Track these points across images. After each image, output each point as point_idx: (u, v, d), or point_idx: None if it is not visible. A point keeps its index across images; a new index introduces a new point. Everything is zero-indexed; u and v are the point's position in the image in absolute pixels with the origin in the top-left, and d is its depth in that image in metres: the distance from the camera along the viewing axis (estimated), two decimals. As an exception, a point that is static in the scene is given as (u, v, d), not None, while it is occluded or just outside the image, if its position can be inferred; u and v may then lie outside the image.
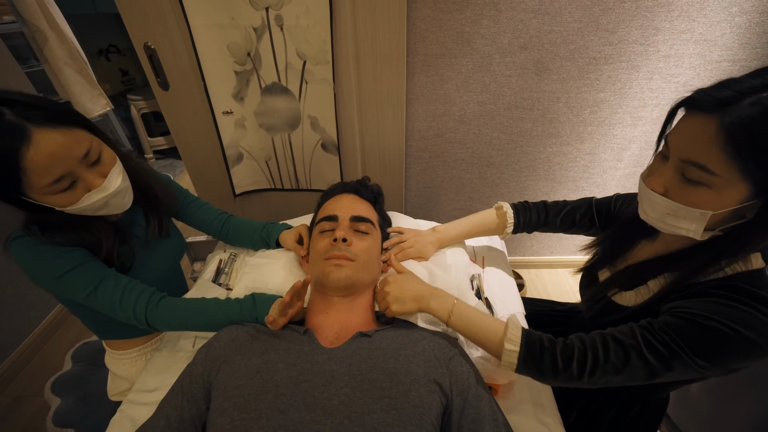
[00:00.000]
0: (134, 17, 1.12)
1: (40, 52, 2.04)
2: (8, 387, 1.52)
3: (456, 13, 1.16)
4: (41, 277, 0.69)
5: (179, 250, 0.95)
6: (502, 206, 0.93)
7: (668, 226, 0.55)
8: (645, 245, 0.69)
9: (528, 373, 0.61)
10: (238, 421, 0.55)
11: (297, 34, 1.14)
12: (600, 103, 1.36)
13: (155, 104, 2.90)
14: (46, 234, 0.67)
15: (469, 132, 1.44)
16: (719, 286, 0.53)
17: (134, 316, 0.73)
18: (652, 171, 0.57)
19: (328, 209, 0.84)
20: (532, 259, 1.96)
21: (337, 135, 1.34)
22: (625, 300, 0.66)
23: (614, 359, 0.54)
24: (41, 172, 0.57)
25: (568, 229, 0.89)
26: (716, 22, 1.17)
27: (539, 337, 0.61)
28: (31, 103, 0.58)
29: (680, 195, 0.52)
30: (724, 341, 0.49)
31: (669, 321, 0.53)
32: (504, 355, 0.61)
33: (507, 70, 1.28)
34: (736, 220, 0.51)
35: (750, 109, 0.44)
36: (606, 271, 0.74)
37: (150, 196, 0.81)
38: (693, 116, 0.49)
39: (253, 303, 0.76)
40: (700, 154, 0.47)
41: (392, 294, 0.72)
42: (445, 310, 0.68)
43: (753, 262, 0.53)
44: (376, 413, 0.55)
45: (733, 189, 0.47)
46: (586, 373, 0.56)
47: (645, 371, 0.53)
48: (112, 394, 0.96)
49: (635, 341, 0.53)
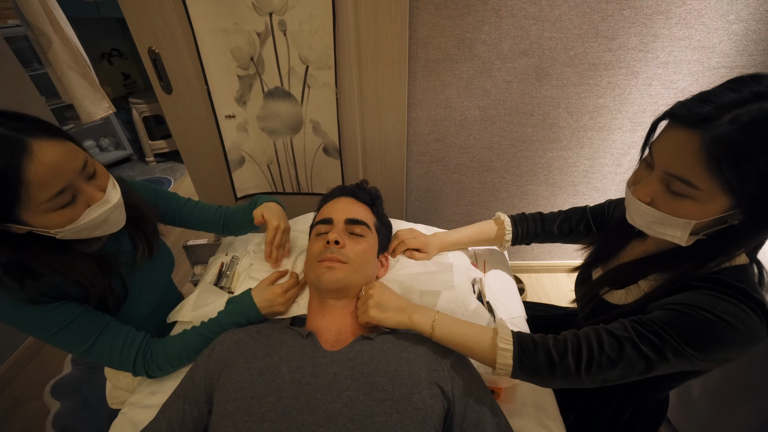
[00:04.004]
0: (139, 22, 1.13)
1: (44, 56, 2.06)
2: (7, 390, 1.51)
3: (457, 19, 1.18)
4: (30, 333, 0.64)
5: (170, 266, 0.92)
6: (500, 217, 0.95)
7: (655, 232, 0.57)
8: (636, 244, 0.71)
9: (524, 375, 0.59)
10: (241, 423, 0.55)
11: (300, 39, 1.15)
12: (600, 109, 1.37)
13: (157, 107, 2.91)
14: (26, 288, 0.60)
15: (470, 137, 1.45)
16: (704, 279, 0.55)
17: (134, 374, 0.74)
18: (638, 179, 0.59)
19: (324, 212, 0.85)
20: (532, 264, 1.96)
21: (338, 139, 1.35)
22: (616, 299, 0.68)
23: (608, 351, 0.54)
24: (43, 185, 0.54)
25: (566, 236, 0.90)
26: (714, 29, 1.19)
27: (530, 335, 0.61)
28: (19, 116, 0.55)
29: (666, 205, 0.54)
30: (711, 329, 0.50)
31: (657, 314, 0.55)
32: (498, 357, 0.59)
33: (508, 76, 1.29)
34: (720, 225, 0.53)
35: (729, 126, 0.45)
36: (599, 270, 0.76)
37: (135, 218, 0.76)
38: (676, 130, 0.51)
39: (226, 308, 0.80)
40: (685, 169, 0.49)
41: (374, 298, 0.71)
42: (427, 322, 0.66)
43: (737, 259, 0.56)
44: (379, 416, 0.55)
45: (716, 201, 0.49)
46: (582, 367, 0.55)
47: (642, 363, 0.53)
48: (111, 403, 0.95)
49: (627, 333, 0.54)
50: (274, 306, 0.79)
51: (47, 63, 2.08)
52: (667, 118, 0.53)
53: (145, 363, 0.73)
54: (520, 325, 0.89)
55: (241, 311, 0.78)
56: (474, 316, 0.78)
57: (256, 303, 0.78)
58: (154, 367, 0.74)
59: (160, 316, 0.89)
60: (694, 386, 1.16)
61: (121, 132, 3.06)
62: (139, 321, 0.78)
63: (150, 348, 0.74)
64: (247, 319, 0.78)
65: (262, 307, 0.78)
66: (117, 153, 3.12)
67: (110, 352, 0.70)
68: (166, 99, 1.28)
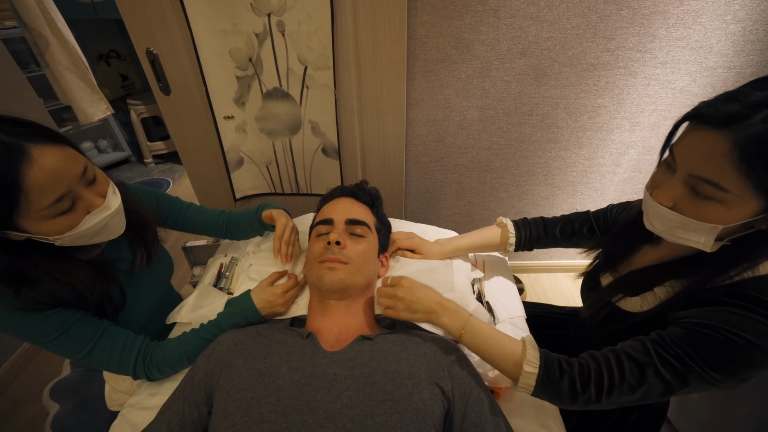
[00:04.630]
0: (137, 23, 1.13)
1: (42, 57, 2.05)
2: (6, 392, 1.50)
3: (456, 19, 1.18)
4: (27, 340, 0.64)
5: (169, 270, 0.91)
6: (503, 221, 0.94)
7: (676, 237, 0.54)
8: (649, 250, 0.68)
9: (545, 396, 0.59)
10: (241, 424, 0.55)
11: (298, 39, 1.15)
12: (598, 109, 1.37)
13: (155, 109, 2.91)
14: (21, 296, 0.59)
15: (469, 137, 1.45)
16: (728, 293, 0.52)
17: (134, 378, 0.74)
18: (657, 183, 0.56)
19: (324, 213, 0.85)
20: (531, 264, 1.96)
21: (337, 140, 1.35)
22: (630, 306, 0.65)
23: (630, 378, 0.53)
24: (43, 191, 0.53)
25: (569, 239, 0.89)
26: (711, 29, 1.19)
27: (557, 358, 0.59)
28: (18, 121, 0.55)
29: (689, 209, 0.51)
30: (737, 352, 0.48)
31: (680, 334, 0.53)
32: (522, 377, 0.59)
33: (506, 76, 1.29)
34: (745, 231, 0.50)
35: (762, 125, 0.43)
36: (608, 275, 0.74)
37: (135, 223, 0.75)
38: (702, 131, 0.48)
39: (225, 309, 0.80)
40: (714, 171, 0.47)
41: (405, 301, 0.71)
42: (457, 327, 0.67)
43: (760, 268, 0.53)
44: (379, 416, 0.55)
45: (746, 204, 0.47)
46: (603, 395, 0.54)
47: (661, 388, 0.52)
48: (111, 405, 0.95)
49: (649, 358, 0.53)
50: (274, 307, 0.79)
51: (45, 64, 2.07)
52: (691, 118, 0.50)
53: (145, 366, 0.73)
54: (520, 324, 0.89)
55: (240, 313, 0.78)
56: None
57: (255, 304, 0.78)
58: (155, 371, 0.74)
59: (159, 319, 0.89)
60: (693, 385, 1.16)
61: (119, 133, 3.06)
62: (137, 325, 0.78)
63: (150, 351, 0.74)
64: (246, 320, 0.78)
65: (261, 308, 0.78)
66: (115, 154, 3.11)
67: (110, 357, 0.69)
68: (165, 100, 1.28)
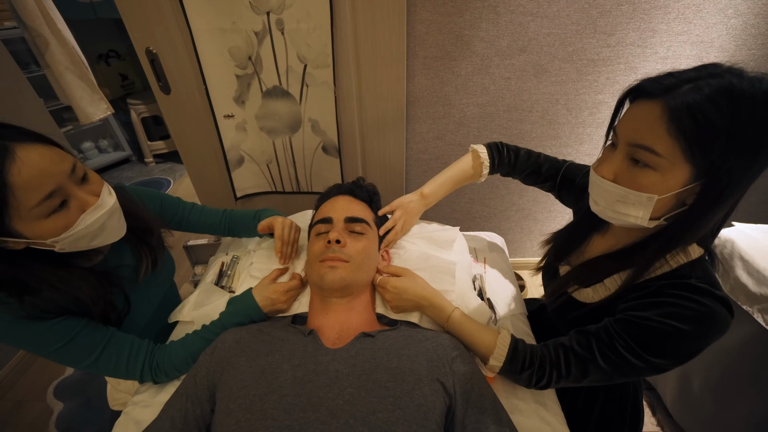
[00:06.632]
0: (136, 22, 1.13)
1: (41, 57, 2.05)
2: (10, 391, 1.51)
3: (455, 16, 1.17)
4: (31, 351, 0.63)
5: (171, 272, 0.91)
6: (476, 149, 0.93)
7: (617, 214, 0.57)
8: (597, 240, 0.73)
9: (508, 379, 0.72)
10: (244, 422, 0.55)
11: (298, 37, 1.15)
12: (598, 105, 1.37)
13: (155, 108, 2.91)
14: (25, 305, 0.58)
15: (469, 134, 1.45)
16: (670, 285, 0.57)
17: (141, 382, 0.75)
18: (602, 160, 0.59)
19: (323, 211, 0.85)
20: (532, 261, 1.96)
21: (337, 138, 1.35)
22: (584, 297, 0.69)
23: (575, 372, 0.61)
24: (30, 188, 0.53)
25: (532, 178, 0.93)
26: (712, 24, 1.19)
27: (524, 356, 0.66)
28: (2, 124, 0.55)
29: (628, 180, 0.54)
30: (674, 339, 0.53)
31: (622, 326, 0.58)
32: (488, 366, 0.70)
33: (506, 73, 1.29)
34: (678, 208, 0.54)
35: (691, 93, 0.47)
36: (566, 265, 0.77)
37: (138, 228, 0.74)
38: (640, 103, 0.53)
39: (227, 308, 0.80)
40: (647, 136, 0.51)
41: (392, 303, 0.78)
42: (441, 321, 0.75)
43: (692, 253, 0.57)
44: (381, 412, 0.55)
45: (677, 171, 0.50)
46: (553, 384, 0.64)
47: (604, 378, 0.60)
48: (112, 404, 0.95)
49: (591, 354, 0.60)
50: (276, 304, 0.79)
51: (45, 65, 2.08)
52: (632, 92, 0.54)
53: (152, 371, 0.73)
54: (521, 322, 0.89)
55: (243, 311, 0.78)
56: (475, 313, 0.78)
57: (257, 302, 0.78)
58: (162, 375, 0.74)
59: (161, 319, 0.90)
60: (695, 382, 1.16)
61: (119, 133, 3.07)
62: (139, 327, 0.78)
63: (155, 356, 0.74)
64: (249, 318, 0.78)
65: (264, 306, 0.78)
66: (116, 154, 3.12)
67: (116, 365, 0.69)
68: (165, 99, 1.28)
